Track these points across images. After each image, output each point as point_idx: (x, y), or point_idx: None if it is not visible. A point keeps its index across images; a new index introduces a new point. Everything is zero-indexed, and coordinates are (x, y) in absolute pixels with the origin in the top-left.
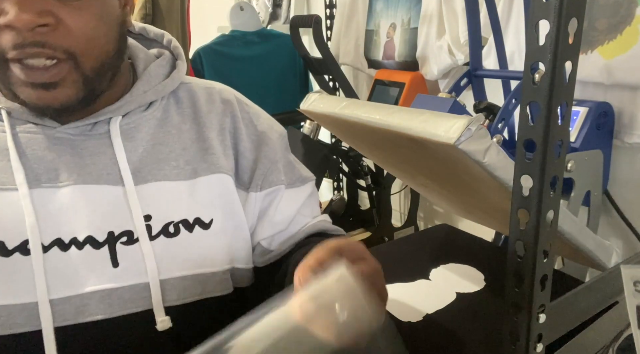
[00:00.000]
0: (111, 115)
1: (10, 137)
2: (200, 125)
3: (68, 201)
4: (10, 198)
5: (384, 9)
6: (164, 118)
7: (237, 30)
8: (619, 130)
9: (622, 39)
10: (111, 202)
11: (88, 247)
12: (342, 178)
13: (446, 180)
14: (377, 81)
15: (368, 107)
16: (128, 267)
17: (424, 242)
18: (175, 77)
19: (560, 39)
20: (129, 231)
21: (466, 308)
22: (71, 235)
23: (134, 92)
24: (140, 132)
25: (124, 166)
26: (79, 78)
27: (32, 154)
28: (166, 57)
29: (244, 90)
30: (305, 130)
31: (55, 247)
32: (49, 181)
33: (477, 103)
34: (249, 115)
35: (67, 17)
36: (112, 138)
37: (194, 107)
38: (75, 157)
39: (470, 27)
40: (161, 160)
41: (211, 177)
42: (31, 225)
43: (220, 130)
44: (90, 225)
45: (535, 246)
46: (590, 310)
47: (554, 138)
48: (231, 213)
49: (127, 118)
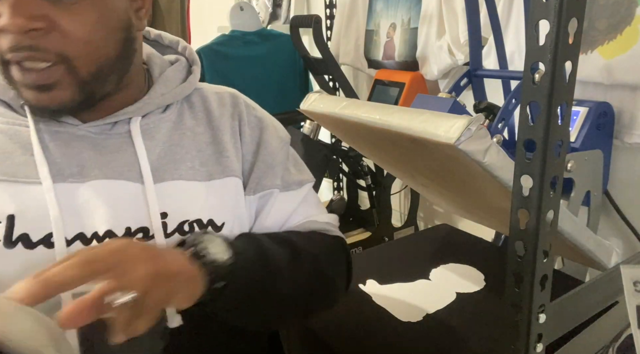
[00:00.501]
0: (131, 115)
1: (34, 132)
2: (214, 129)
3: (91, 196)
4: (35, 191)
5: (384, 9)
6: (178, 121)
7: (237, 30)
8: (619, 130)
9: (622, 39)
10: (130, 198)
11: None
12: (342, 178)
13: (446, 180)
14: (377, 81)
15: (368, 107)
16: None
17: (424, 242)
18: (192, 81)
19: (560, 39)
20: (145, 228)
21: (466, 308)
22: (93, 229)
23: (152, 94)
24: (158, 133)
25: (144, 163)
26: (74, 81)
27: (55, 149)
28: (182, 63)
29: (244, 90)
30: (305, 130)
31: (78, 241)
32: (73, 176)
33: (477, 103)
34: (256, 119)
35: (61, 21)
36: (133, 137)
37: (207, 111)
38: (97, 154)
39: (470, 27)
40: (177, 160)
41: (225, 181)
42: (55, 218)
43: (232, 133)
44: (110, 220)
45: (535, 246)
46: (590, 310)
47: (554, 138)
48: (240, 217)
49: (147, 118)
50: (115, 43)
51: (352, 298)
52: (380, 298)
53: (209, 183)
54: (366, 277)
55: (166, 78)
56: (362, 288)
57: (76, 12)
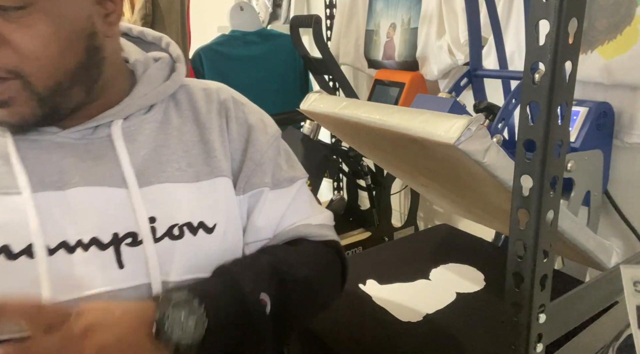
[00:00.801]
0: (112, 118)
1: (12, 141)
2: (201, 127)
3: (73, 203)
4: (14, 202)
5: (384, 9)
6: (164, 120)
7: (237, 30)
8: (619, 130)
9: (622, 39)
10: (116, 204)
11: (93, 248)
12: (342, 178)
13: (446, 180)
14: (377, 81)
15: (368, 107)
16: (133, 268)
17: (424, 242)
18: (175, 80)
19: (560, 39)
20: (134, 233)
21: (466, 308)
22: (77, 236)
23: (134, 95)
24: (142, 135)
25: (127, 168)
26: (32, 97)
27: (34, 158)
28: (165, 60)
29: (244, 90)
30: (305, 130)
31: (61, 250)
32: (54, 184)
33: (477, 103)
34: (244, 115)
35: (12, 35)
36: (114, 141)
37: (194, 108)
38: (79, 160)
39: (470, 27)
40: (163, 162)
41: (214, 181)
42: (35, 228)
43: (220, 132)
44: (95, 227)
45: (535, 246)
46: (590, 310)
47: (554, 138)
48: (232, 218)
49: (129, 121)
50: (76, 54)
51: (352, 298)
52: (380, 298)
53: (197, 184)
54: (366, 277)
55: (149, 78)
56: (362, 288)
57: (27, 25)
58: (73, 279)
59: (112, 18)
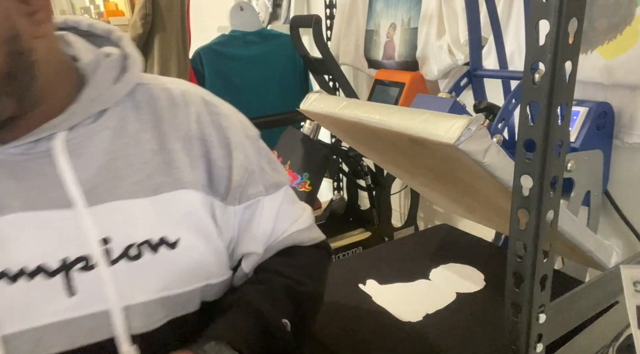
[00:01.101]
0: (55, 131)
1: None
2: (162, 134)
3: (13, 230)
4: None
5: (384, 9)
6: (119, 127)
7: (237, 30)
8: (619, 130)
9: (622, 39)
10: (62, 227)
11: (40, 277)
12: (342, 178)
13: (446, 180)
14: (377, 81)
15: (368, 107)
16: (87, 295)
17: (424, 242)
18: (127, 81)
19: (560, 39)
20: (85, 257)
21: (466, 308)
22: (19, 265)
23: (81, 101)
24: (90, 147)
25: (71, 187)
26: None
27: None
28: (114, 58)
29: (244, 90)
30: (305, 130)
31: (1, 280)
32: None
33: (477, 103)
34: (219, 118)
35: None
36: (54, 157)
37: (155, 113)
38: (17, 181)
39: (470, 27)
40: (118, 176)
41: (176, 194)
42: None
43: (187, 139)
44: (40, 254)
45: (535, 246)
46: (590, 310)
47: (554, 138)
48: (200, 229)
49: (74, 132)
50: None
51: (352, 298)
52: (380, 298)
53: (156, 198)
54: (366, 277)
55: (97, 80)
56: (362, 288)
57: None
58: (18, 310)
59: (40, 15)
